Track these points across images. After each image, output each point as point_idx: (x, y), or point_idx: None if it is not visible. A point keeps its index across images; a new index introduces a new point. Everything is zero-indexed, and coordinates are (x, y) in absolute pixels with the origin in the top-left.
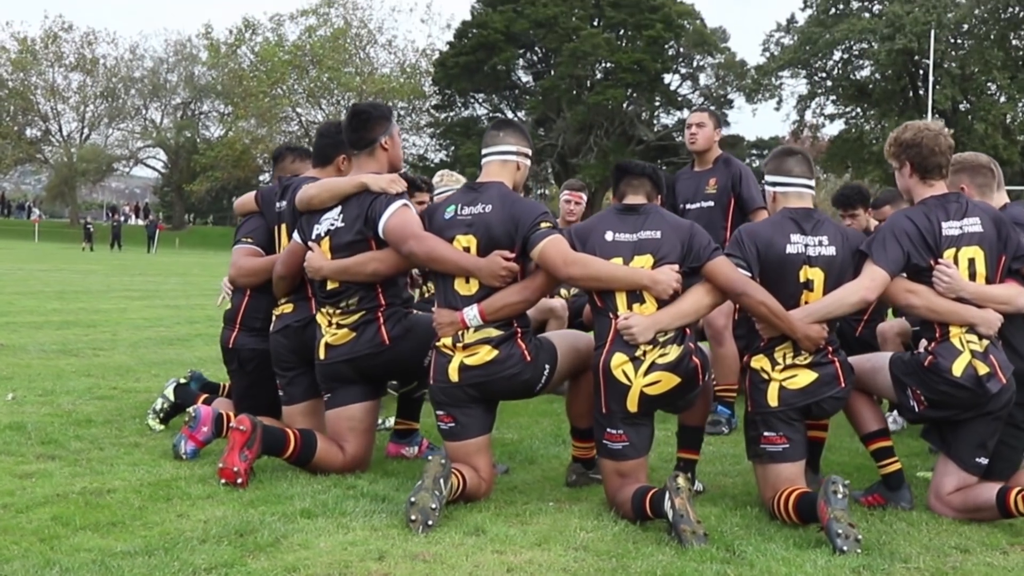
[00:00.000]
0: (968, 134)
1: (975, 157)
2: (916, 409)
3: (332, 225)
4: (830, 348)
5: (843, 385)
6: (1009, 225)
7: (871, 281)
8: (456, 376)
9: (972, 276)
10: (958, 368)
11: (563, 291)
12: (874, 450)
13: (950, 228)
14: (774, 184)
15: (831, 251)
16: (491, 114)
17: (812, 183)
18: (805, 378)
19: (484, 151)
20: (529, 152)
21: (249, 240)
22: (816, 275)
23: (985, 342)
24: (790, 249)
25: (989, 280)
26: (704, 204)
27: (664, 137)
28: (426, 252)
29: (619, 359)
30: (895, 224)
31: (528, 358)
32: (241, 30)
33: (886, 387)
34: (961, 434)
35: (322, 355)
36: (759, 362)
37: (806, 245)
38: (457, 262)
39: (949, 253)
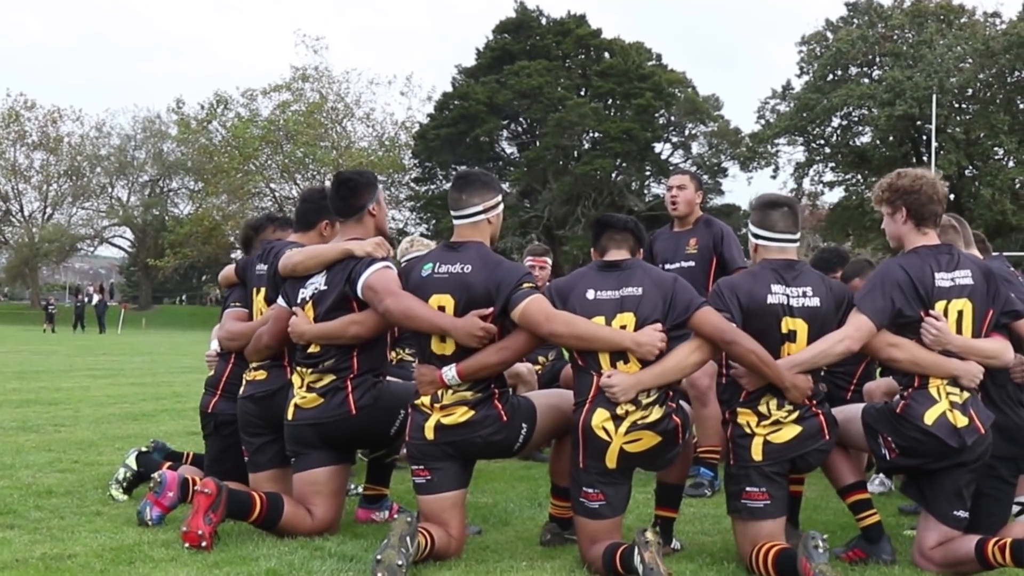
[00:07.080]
0: (975, 200)
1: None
2: (888, 457)
3: (317, 290)
4: (813, 401)
5: (827, 438)
6: (999, 279)
7: (855, 331)
8: (432, 435)
9: (959, 329)
10: (930, 417)
11: (541, 357)
12: (852, 503)
13: (942, 280)
14: (756, 236)
15: (815, 302)
16: None
17: (796, 236)
18: (790, 432)
19: (453, 214)
20: (497, 199)
21: (238, 304)
22: (799, 326)
23: (966, 394)
24: (771, 299)
25: (975, 334)
26: (684, 264)
27: (655, 207)
28: (402, 310)
29: (601, 415)
30: (887, 273)
31: (504, 418)
32: (213, 105)
33: (858, 436)
34: (936, 487)
35: (290, 416)
36: (744, 416)
37: (787, 295)
38: (432, 321)
39: (940, 305)
